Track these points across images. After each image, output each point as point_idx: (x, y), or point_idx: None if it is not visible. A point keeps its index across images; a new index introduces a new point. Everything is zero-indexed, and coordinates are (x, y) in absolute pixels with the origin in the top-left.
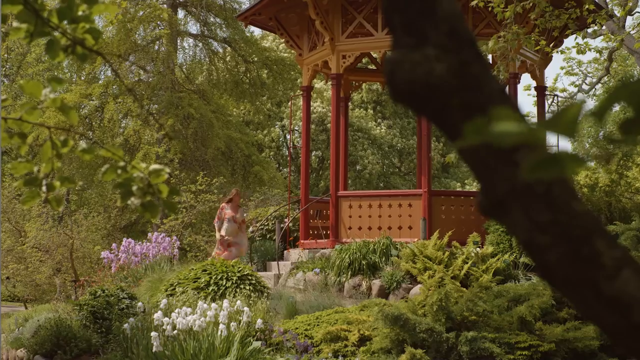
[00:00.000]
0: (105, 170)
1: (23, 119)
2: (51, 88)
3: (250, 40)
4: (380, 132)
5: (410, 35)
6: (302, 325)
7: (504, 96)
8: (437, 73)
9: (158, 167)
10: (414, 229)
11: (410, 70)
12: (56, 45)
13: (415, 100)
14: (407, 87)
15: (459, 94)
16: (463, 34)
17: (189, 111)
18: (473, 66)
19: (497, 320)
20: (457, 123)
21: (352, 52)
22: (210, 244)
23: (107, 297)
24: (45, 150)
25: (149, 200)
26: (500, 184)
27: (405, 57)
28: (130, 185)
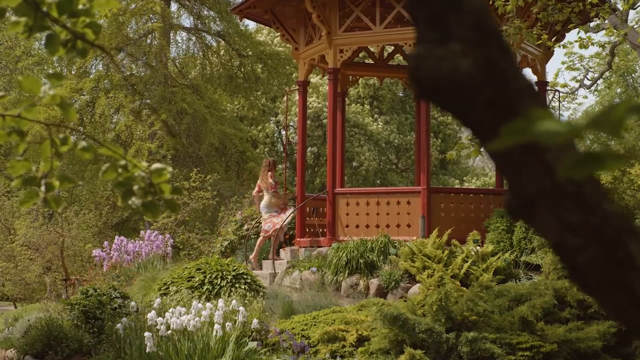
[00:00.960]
0: (105, 169)
1: (22, 116)
2: (50, 84)
3: (244, 34)
4: (377, 128)
5: (434, 29)
6: (299, 326)
7: (532, 92)
8: (462, 69)
9: (160, 166)
10: (413, 227)
11: (435, 66)
12: (55, 39)
13: (440, 97)
14: (432, 84)
15: (485, 90)
16: (489, 28)
17: (182, 106)
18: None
19: (498, 321)
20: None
21: (350, 46)
22: (203, 241)
23: (99, 296)
24: (44, 149)
25: (150, 200)
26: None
27: (429, 52)
28: (132, 184)
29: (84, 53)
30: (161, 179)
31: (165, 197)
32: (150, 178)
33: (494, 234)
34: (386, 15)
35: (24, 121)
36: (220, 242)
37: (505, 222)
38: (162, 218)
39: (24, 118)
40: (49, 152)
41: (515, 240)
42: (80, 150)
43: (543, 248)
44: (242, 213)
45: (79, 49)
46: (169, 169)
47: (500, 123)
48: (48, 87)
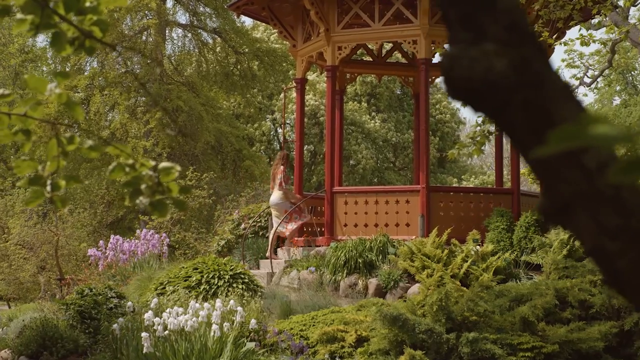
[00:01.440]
0: (112, 168)
1: (28, 115)
2: (57, 83)
3: (241, 31)
4: (375, 125)
5: (467, 29)
6: (297, 326)
7: (568, 94)
8: (497, 69)
9: (168, 165)
10: (412, 226)
11: (469, 66)
12: (62, 38)
13: (473, 98)
14: (466, 84)
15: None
16: (523, 27)
17: (177, 104)
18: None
19: (499, 321)
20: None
21: (348, 44)
22: (200, 241)
23: (94, 296)
24: (50, 148)
25: (158, 199)
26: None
27: (463, 52)
28: (139, 183)
29: (91, 51)
30: (169, 178)
31: (173, 196)
32: (158, 177)
33: (494, 233)
34: (385, 12)
35: (29, 120)
36: (217, 241)
37: (505, 222)
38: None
39: (30, 117)
40: (55, 151)
41: (516, 239)
42: (87, 149)
43: (543, 247)
44: (239, 212)
45: (87, 47)
46: (177, 167)
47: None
48: (54, 86)
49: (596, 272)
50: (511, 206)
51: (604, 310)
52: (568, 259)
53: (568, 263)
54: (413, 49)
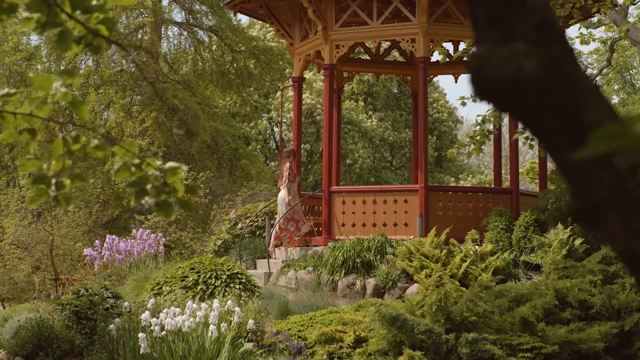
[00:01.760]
0: (118, 167)
1: (33, 114)
2: (62, 81)
3: (237, 29)
4: (371, 124)
5: (496, 29)
6: (295, 326)
7: (598, 94)
8: (527, 69)
9: (174, 165)
10: (410, 226)
11: (498, 66)
12: (68, 36)
13: (503, 99)
14: (495, 85)
15: (550, 92)
16: (553, 27)
17: (173, 103)
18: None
19: (498, 321)
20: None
21: (346, 42)
22: (196, 240)
23: (90, 296)
24: (55, 147)
25: (163, 200)
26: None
27: (492, 52)
28: (145, 183)
29: (97, 50)
30: (175, 178)
31: (178, 197)
32: (164, 177)
33: (492, 233)
34: (383, 10)
35: (35, 119)
36: (214, 241)
37: (504, 221)
38: (153, 216)
39: (35, 116)
40: (60, 150)
41: (515, 239)
42: (93, 148)
43: (543, 247)
44: (235, 212)
45: (93, 45)
46: (183, 167)
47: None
48: (59, 84)
49: (596, 272)
50: (510, 206)
51: (604, 310)
52: (568, 259)
53: (568, 263)
54: (411, 47)
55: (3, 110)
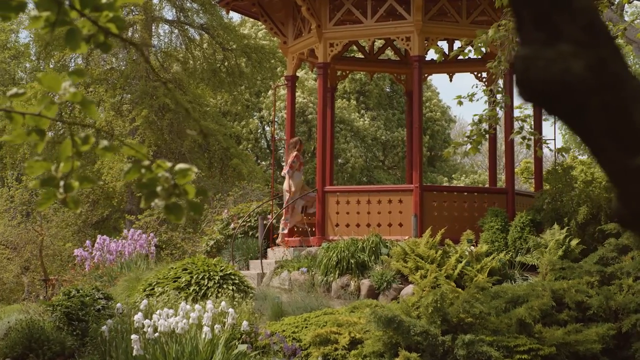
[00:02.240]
0: (128, 169)
1: (42, 114)
2: (71, 81)
3: (228, 27)
4: (364, 123)
5: (541, 29)
6: (290, 328)
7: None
8: (573, 71)
9: (185, 167)
10: (405, 226)
11: (545, 68)
12: (77, 35)
13: (549, 100)
14: (541, 87)
15: (598, 94)
16: (600, 27)
17: (164, 101)
18: (612, 63)
19: (495, 323)
20: (596, 125)
21: (340, 40)
22: (187, 240)
23: (82, 297)
24: (64, 148)
25: (173, 202)
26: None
27: (538, 53)
28: (155, 185)
29: (107, 48)
30: (186, 180)
31: (189, 199)
32: (174, 179)
33: (488, 233)
34: (378, 8)
35: (43, 120)
36: (206, 241)
37: (500, 222)
38: (144, 216)
39: (44, 116)
40: (69, 152)
41: (510, 240)
42: (102, 149)
43: (539, 248)
44: (228, 212)
45: (102, 44)
46: (194, 169)
47: (615, 127)
48: (69, 84)
49: (593, 273)
50: (506, 206)
51: (601, 311)
52: (564, 260)
53: (564, 264)
54: (406, 45)
55: (12, 111)
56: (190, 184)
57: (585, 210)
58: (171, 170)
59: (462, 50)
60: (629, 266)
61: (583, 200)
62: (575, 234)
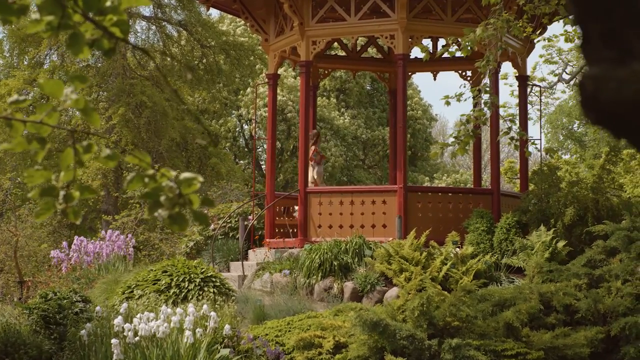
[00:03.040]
0: (131, 178)
1: (44, 122)
2: (74, 87)
3: (207, 24)
4: (344, 122)
5: (611, 46)
6: (273, 331)
7: None
8: None
9: (190, 176)
10: (389, 227)
11: (617, 89)
12: (80, 39)
13: (619, 123)
14: (612, 108)
15: None
16: None
17: (141, 99)
18: None
19: (482, 326)
20: None
21: (323, 38)
22: (165, 241)
23: (59, 300)
24: (65, 157)
25: (177, 212)
26: None
27: (609, 73)
28: (159, 195)
29: (110, 53)
30: (191, 189)
31: (194, 209)
32: (179, 188)
33: (473, 235)
34: (361, 5)
35: (44, 127)
36: (186, 242)
37: (486, 223)
38: (121, 217)
39: (45, 124)
40: (70, 160)
41: (496, 241)
42: (105, 158)
43: (525, 250)
44: (207, 212)
45: (105, 49)
46: (199, 178)
47: None
48: (70, 91)
49: (581, 276)
50: (491, 207)
51: (589, 315)
52: (552, 262)
53: (552, 266)
54: (390, 44)
55: (12, 119)
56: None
57: (572, 211)
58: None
59: (449, 48)
60: (617, 269)
61: (570, 201)
62: (562, 236)
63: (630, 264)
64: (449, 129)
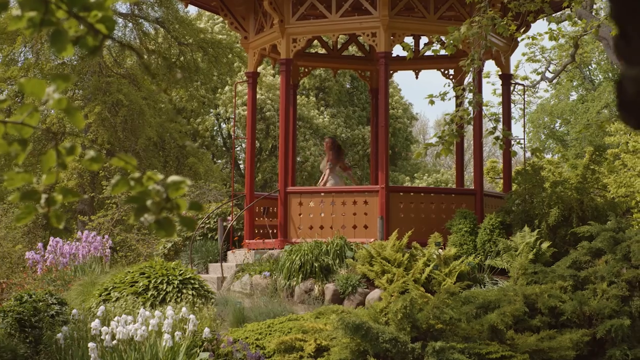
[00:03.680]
0: (116, 182)
1: (25, 122)
2: (56, 86)
3: (184, 21)
4: (323, 121)
5: None
6: (253, 334)
7: None
8: None
9: (177, 179)
10: (370, 228)
11: None
12: (64, 36)
13: None
14: None
15: None
16: None
17: (117, 97)
18: None
19: (466, 329)
20: None
21: (304, 36)
22: (142, 242)
23: (34, 302)
24: (47, 159)
25: (165, 217)
26: None
27: None
28: (145, 199)
29: (95, 51)
30: (178, 193)
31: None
32: (166, 192)
33: (456, 236)
34: (342, 2)
35: (26, 128)
36: (163, 243)
37: (469, 224)
38: (98, 217)
39: (26, 125)
40: (53, 162)
41: (480, 242)
42: (88, 160)
43: (509, 251)
44: (185, 213)
45: (89, 46)
46: (187, 181)
47: None
48: (52, 90)
49: (566, 278)
50: (474, 207)
51: (575, 317)
52: (537, 264)
53: (537, 268)
54: (372, 41)
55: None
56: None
57: (556, 212)
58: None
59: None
60: (603, 270)
61: (554, 201)
62: (546, 237)
63: (616, 266)
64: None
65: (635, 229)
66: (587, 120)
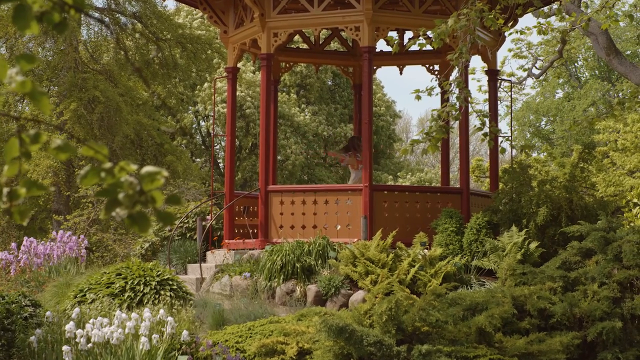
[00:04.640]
0: (85, 173)
1: None
2: (19, 68)
3: (162, 16)
4: (305, 119)
5: None
6: (233, 337)
7: None
8: None
9: (152, 170)
10: (354, 228)
11: None
12: (28, 12)
13: None
14: None
15: None
16: None
17: (94, 94)
18: None
19: (453, 332)
20: None
21: (285, 30)
22: (118, 242)
23: (7, 304)
24: (9, 148)
25: (139, 211)
26: None
27: None
28: (117, 192)
29: (61, 28)
30: (153, 186)
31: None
32: (140, 184)
33: (442, 235)
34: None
35: None
36: (140, 243)
37: (455, 223)
38: (73, 217)
39: None
40: (16, 152)
41: (466, 242)
42: (55, 149)
43: (496, 251)
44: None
45: (56, 22)
46: (163, 172)
47: None
48: (15, 72)
49: (556, 279)
50: (460, 207)
51: (565, 319)
52: (525, 265)
53: (525, 269)
54: (355, 36)
55: None
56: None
57: (545, 211)
58: (137, 174)
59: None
60: (593, 271)
61: (542, 200)
62: (535, 237)
63: (607, 266)
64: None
65: (626, 229)
66: (573, 118)
